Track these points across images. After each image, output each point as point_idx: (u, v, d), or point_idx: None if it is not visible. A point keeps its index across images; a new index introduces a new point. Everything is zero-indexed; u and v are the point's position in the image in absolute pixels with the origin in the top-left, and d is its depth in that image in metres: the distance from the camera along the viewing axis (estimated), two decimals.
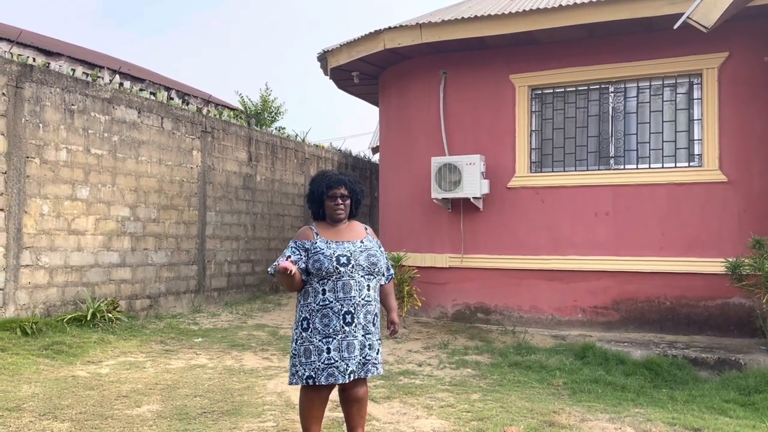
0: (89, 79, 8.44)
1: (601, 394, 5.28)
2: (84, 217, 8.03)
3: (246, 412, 4.65)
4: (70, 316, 7.43)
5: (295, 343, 3.45)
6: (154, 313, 8.89)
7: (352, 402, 3.59)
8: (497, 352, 6.73)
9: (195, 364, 6.25)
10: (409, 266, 8.17)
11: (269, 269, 3.51)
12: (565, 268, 7.72)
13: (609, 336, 7.21)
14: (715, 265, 6.89)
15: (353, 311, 3.43)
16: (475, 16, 7.59)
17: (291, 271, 3.24)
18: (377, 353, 3.54)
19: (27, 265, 7.32)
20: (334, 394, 3.67)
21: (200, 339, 7.57)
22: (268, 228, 11.73)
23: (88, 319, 7.49)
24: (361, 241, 3.58)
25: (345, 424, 3.71)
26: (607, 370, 5.92)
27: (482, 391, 5.31)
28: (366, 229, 3.72)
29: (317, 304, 3.41)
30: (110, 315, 7.71)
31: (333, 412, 4.41)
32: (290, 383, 3.47)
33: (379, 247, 3.69)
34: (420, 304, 8.17)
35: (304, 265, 3.43)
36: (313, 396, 3.46)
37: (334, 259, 3.42)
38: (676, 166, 7.38)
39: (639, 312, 7.40)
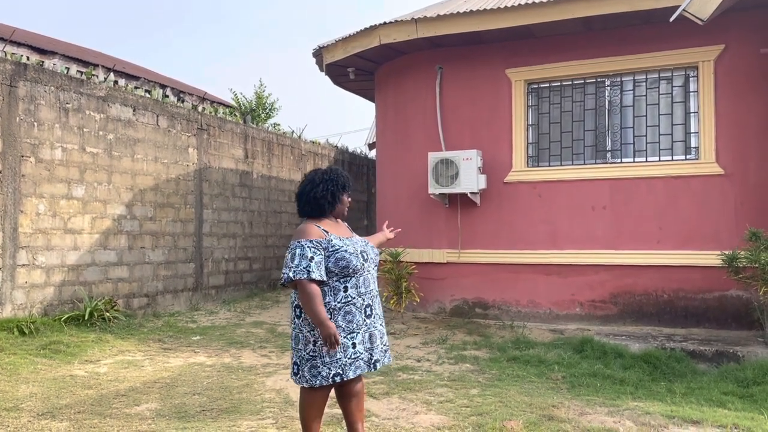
0: (84, 77, 8.40)
1: (600, 387, 5.28)
2: (80, 216, 8.01)
3: (245, 409, 4.64)
4: (67, 316, 7.41)
5: (313, 345, 3.33)
6: (151, 312, 8.87)
7: (351, 397, 3.59)
8: (495, 347, 6.73)
9: (193, 362, 6.24)
10: (407, 262, 8.16)
11: (286, 276, 3.28)
12: (563, 262, 7.73)
13: (607, 330, 7.22)
14: (712, 258, 6.89)
15: (372, 303, 3.49)
16: (471, 10, 7.56)
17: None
18: (387, 339, 3.66)
19: (24, 265, 7.30)
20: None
21: (198, 337, 7.56)
22: (265, 225, 11.71)
23: (86, 318, 7.47)
24: (354, 236, 3.65)
25: (344, 421, 3.71)
26: (606, 363, 5.92)
27: (481, 386, 5.31)
28: (343, 222, 3.76)
29: (339, 302, 3.36)
30: (108, 314, 7.69)
31: (331, 408, 4.41)
32: (311, 385, 3.36)
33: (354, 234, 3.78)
34: (418, 300, 8.17)
35: (324, 265, 3.34)
36: (316, 394, 3.44)
37: (359, 255, 3.42)
38: (672, 160, 7.38)
39: (636, 305, 7.41)
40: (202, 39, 76.32)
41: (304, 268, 3.28)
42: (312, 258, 3.30)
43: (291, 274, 3.28)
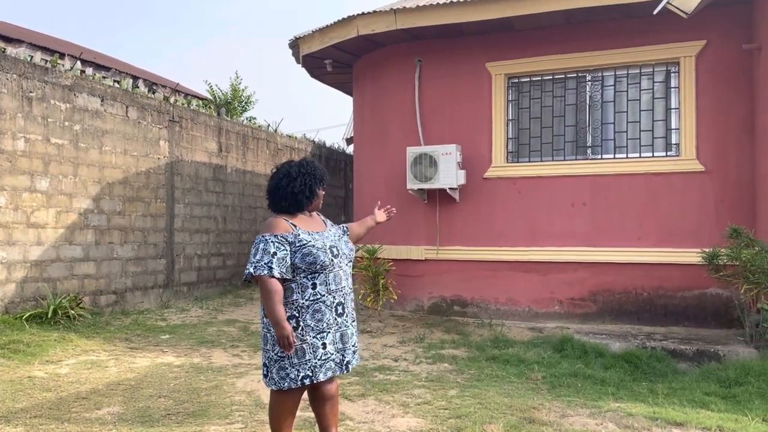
0: (48, 65, 8.05)
1: (581, 388, 5.15)
2: (44, 210, 7.68)
3: (213, 413, 4.42)
4: (29, 314, 7.10)
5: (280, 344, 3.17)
6: (119, 309, 8.57)
7: (325, 400, 3.42)
8: (474, 346, 6.59)
9: (161, 362, 5.98)
10: (384, 259, 7.98)
11: (248, 272, 3.15)
12: (542, 259, 7.61)
13: (586, 328, 7.12)
14: (692, 256, 6.82)
15: (344, 302, 3.32)
16: (452, 1, 7.38)
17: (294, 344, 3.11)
18: (357, 339, 3.51)
19: None
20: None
21: (167, 335, 7.29)
22: (239, 221, 11.43)
23: (49, 316, 7.16)
24: (329, 229, 3.47)
25: (317, 425, 3.53)
26: (586, 363, 5.81)
27: (460, 386, 5.15)
28: (319, 215, 3.58)
29: (307, 300, 3.20)
30: (73, 311, 7.39)
31: (304, 411, 4.21)
32: (280, 387, 3.20)
33: (332, 226, 3.58)
34: (395, 298, 7.99)
35: (290, 261, 3.18)
36: (286, 397, 3.27)
37: (328, 251, 3.25)
38: (653, 156, 7.30)
39: (616, 303, 7.32)
40: (186, 33, 75.20)
41: (265, 263, 3.12)
42: (275, 253, 3.14)
43: (252, 270, 3.14)
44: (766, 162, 6.49)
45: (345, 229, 3.65)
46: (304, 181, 3.35)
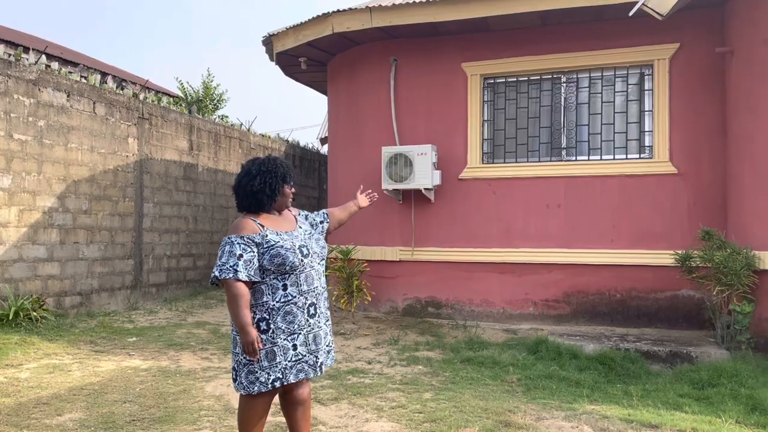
0: (12, 58, 7.78)
1: (556, 390, 5.11)
2: (6, 208, 7.41)
3: (180, 418, 4.27)
4: None
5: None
6: (85, 311, 8.31)
7: (296, 405, 3.32)
8: (449, 348, 6.52)
9: (127, 365, 5.79)
10: (359, 260, 7.88)
11: (213, 275, 3.05)
12: (517, 260, 7.58)
13: (560, 329, 7.11)
14: (665, 257, 6.86)
15: (316, 302, 3.21)
16: (428, 0, 7.32)
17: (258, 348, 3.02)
18: (332, 339, 3.41)
19: None
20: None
21: (135, 338, 7.08)
22: (210, 221, 11.22)
23: (10, 318, 6.92)
24: (300, 227, 3.35)
25: (288, 431, 3.42)
26: (561, 364, 5.78)
27: (434, 389, 5.07)
28: (290, 210, 3.45)
29: (277, 302, 3.09)
30: (35, 313, 7.14)
31: (275, 416, 4.09)
32: (248, 392, 3.10)
33: (306, 218, 3.47)
34: (370, 299, 7.90)
35: (258, 263, 3.07)
36: (255, 402, 3.16)
37: (297, 251, 3.13)
38: (627, 158, 7.33)
39: (590, 305, 7.33)
40: (151, 26, 74.10)
41: (231, 266, 3.01)
42: (241, 256, 3.03)
43: (217, 273, 3.03)
44: (738, 164, 6.55)
45: (325, 215, 3.58)
46: (264, 180, 3.23)
